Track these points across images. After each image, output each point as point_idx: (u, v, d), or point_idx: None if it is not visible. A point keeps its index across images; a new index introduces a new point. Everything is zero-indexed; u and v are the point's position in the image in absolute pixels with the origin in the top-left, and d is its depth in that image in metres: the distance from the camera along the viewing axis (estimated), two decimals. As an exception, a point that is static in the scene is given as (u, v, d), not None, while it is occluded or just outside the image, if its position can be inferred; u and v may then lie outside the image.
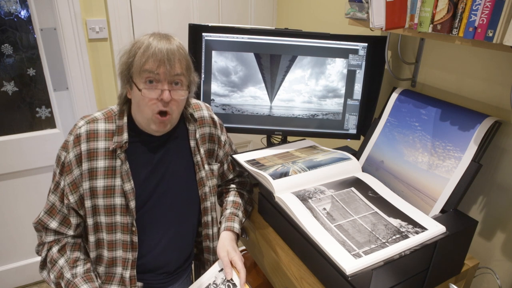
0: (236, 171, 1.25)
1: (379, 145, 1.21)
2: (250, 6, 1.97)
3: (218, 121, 1.16)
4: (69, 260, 1.00)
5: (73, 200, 0.98)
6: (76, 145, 0.98)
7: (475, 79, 1.09)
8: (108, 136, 0.99)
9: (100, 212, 0.99)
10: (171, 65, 0.93)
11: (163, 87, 0.94)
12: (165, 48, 0.93)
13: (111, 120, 1.01)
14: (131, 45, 0.96)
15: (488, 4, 0.79)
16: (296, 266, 1.04)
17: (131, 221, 1.00)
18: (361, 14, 1.14)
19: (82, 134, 0.98)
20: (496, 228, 1.09)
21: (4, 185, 1.80)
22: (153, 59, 0.92)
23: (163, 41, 0.94)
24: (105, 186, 0.98)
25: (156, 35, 0.96)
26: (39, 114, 1.83)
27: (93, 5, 1.66)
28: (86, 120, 1.00)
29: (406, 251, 0.82)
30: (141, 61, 0.92)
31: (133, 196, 1.00)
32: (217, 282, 0.99)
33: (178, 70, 0.95)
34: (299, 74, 1.31)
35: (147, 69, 0.92)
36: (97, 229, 1.01)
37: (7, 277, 1.96)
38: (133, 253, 1.02)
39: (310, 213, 0.94)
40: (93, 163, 0.98)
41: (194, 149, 1.09)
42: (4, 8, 1.61)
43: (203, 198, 1.11)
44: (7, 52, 1.67)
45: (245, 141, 2.24)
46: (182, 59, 0.96)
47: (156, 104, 0.94)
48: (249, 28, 1.28)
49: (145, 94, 0.93)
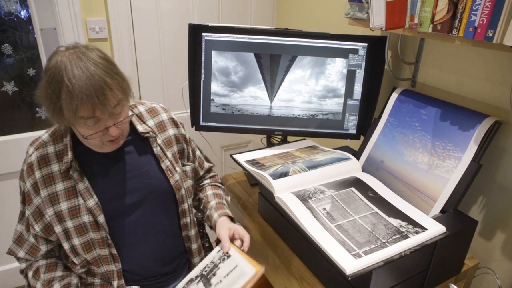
0: (205, 168, 1.24)
1: (379, 145, 1.21)
2: (250, 6, 1.97)
3: (178, 121, 1.14)
4: (44, 282, 0.99)
5: (39, 229, 0.97)
6: (30, 174, 0.96)
7: (475, 79, 1.09)
8: (60, 157, 0.96)
9: (72, 235, 0.97)
10: (105, 104, 0.83)
11: (106, 123, 0.87)
12: (89, 85, 0.80)
13: (60, 140, 0.98)
14: (47, 79, 0.83)
15: (488, 4, 0.79)
16: (296, 266, 1.04)
17: (105, 235, 0.98)
18: (361, 14, 1.14)
19: (34, 162, 0.95)
20: (496, 228, 1.09)
21: (4, 185, 1.80)
22: (83, 105, 0.81)
23: (80, 71, 0.81)
24: (69, 207, 0.96)
25: (70, 57, 0.83)
26: (39, 114, 1.83)
27: (93, 5, 1.66)
28: (35, 146, 0.97)
29: (406, 251, 0.82)
30: (71, 110, 0.82)
31: (100, 210, 0.97)
32: (214, 260, 0.98)
33: (114, 101, 0.86)
34: (299, 74, 1.31)
35: (83, 116, 0.83)
36: (76, 252, 0.99)
37: (7, 277, 1.96)
38: (116, 264, 1.01)
39: (310, 213, 0.94)
40: (52, 188, 0.95)
41: (158, 155, 1.06)
42: (4, 8, 1.61)
43: (181, 201, 1.09)
44: (7, 52, 1.67)
45: (245, 141, 2.24)
46: (113, 85, 0.84)
47: (103, 136, 0.90)
48: (249, 28, 1.28)
49: (92, 138, 0.88)
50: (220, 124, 1.38)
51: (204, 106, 1.36)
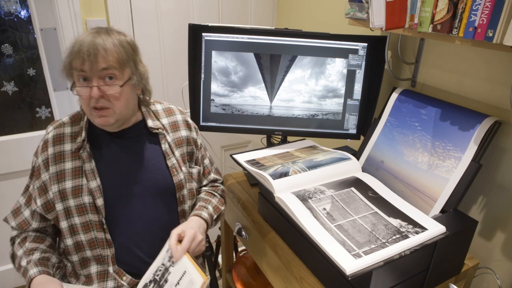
0: (209, 178, 1.23)
1: (379, 145, 1.21)
2: (250, 6, 1.97)
3: (192, 124, 1.18)
4: (26, 250, 1.00)
5: (40, 204, 1.01)
6: (44, 150, 1.02)
7: (475, 79, 1.09)
8: (74, 138, 1.02)
9: (73, 214, 1.00)
10: (92, 60, 0.90)
11: (92, 83, 0.93)
12: (87, 42, 0.91)
13: (78, 122, 1.05)
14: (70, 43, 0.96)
15: (488, 4, 0.79)
16: (296, 266, 1.04)
17: (101, 219, 1.01)
18: (361, 14, 1.14)
19: (49, 139, 1.02)
20: (496, 228, 1.09)
21: (4, 185, 1.80)
22: (76, 56, 0.91)
23: (90, 36, 0.92)
24: (73, 186, 1.00)
25: (92, 29, 0.95)
26: (39, 114, 1.83)
27: (93, 5, 1.66)
28: (54, 125, 1.05)
29: (406, 251, 0.82)
30: (67, 60, 0.93)
31: (100, 194, 1.00)
32: (165, 262, 0.96)
33: (102, 64, 0.92)
34: (299, 74, 1.31)
35: (74, 67, 0.92)
36: (74, 231, 1.01)
37: (7, 277, 1.96)
38: (110, 249, 1.02)
39: (310, 213, 0.94)
40: (61, 166, 1.00)
41: (166, 152, 1.08)
42: (4, 8, 1.61)
43: (181, 201, 1.10)
44: (7, 52, 1.67)
45: (245, 141, 2.24)
46: (108, 52, 0.92)
47: (90, 100, 0.94)
48: (249, 28, 1.28)
49: (78, 92, 0.94)
50: (220, 124, 1.38)
51: (204, 106, 1.36)
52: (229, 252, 1.63)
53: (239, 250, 1.82)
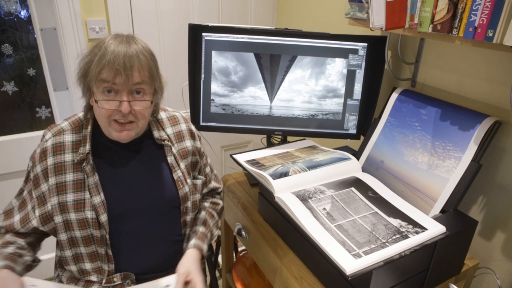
0: (209, 187, 1.22)
1: (379, 145, 1.21)
2: (250, 6, 1.97)
3: (196, 133, 1.16)
4: (3, 242, 0.96)
5: (38, 214, 0.97)
6: (43, 159, 0.96)
7: (475, 79, 1.09)
8: (75, 148, 0.96)
9: (73, 227, 0.96)
10: (128, 74, 0.86)
11: (122, 98, 0.88)
12: (122, 54, 0.86)
13: (78, 130, 0.98)
14: (90, 50, 0.90)
15: (488, 4, 0.79)
16: (296, 266, 1.04)
17: (104, 234, 0.97)
18: (361, 14, 1.14)
19: (48, 148, 0.96)
20: (496, 228, 1.09)
21: (4, 185, 1.80)
22: (108, 67, 0.85)
23: (122, 45, 0.87)
24: (75, 200, 0.95)
25: (117, 37, 0.90)
26: (39, 114, 1.83)
27: (93, 5, 1.66)
28: (53, 132, 0.98)
29: (406, 251, 0.82)
30: (96, 70, 0.86)
31: (104, 209, 0.96)
32: None
33: (137, 79, 0.88)
34: (299, 74, 1.31)
35: (103, 78, 0.86)
36: (73, 244, 0.98)
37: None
38: (110, 264, 0.99)
39: (310, 213, 0.94)
40: (61, 177, 0.95)
41: (172, 164, 1.06)
42: (4, 8, 1.61)
43: (184, 212, 1.08)
44: (7, 52, 1.67)
45: (245, 141, 2.24)
46: (143, 66, 0.89)
47: (113, 113, 0.90)
48: (249, 28, 1.28)
49: (102, 106, 0.88)
50: (220, 124, 1.38)
51: (204, 106, 1.36)
52: (229, 252, 1.63)
53: (239, 250, 1.81)
